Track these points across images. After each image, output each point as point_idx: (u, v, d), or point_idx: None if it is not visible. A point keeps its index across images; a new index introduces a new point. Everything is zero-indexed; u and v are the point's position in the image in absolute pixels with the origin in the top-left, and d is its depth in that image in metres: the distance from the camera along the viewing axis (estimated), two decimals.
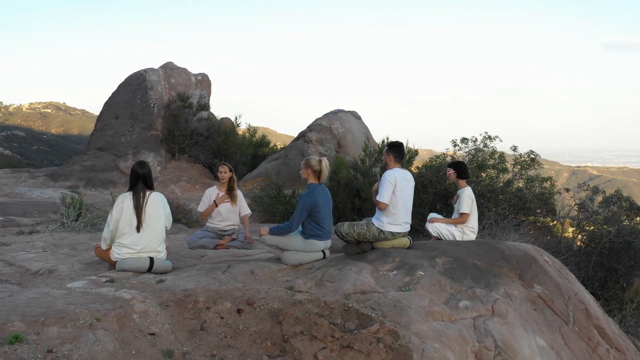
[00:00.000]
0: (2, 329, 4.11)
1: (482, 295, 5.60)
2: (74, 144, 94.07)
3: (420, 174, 11.79)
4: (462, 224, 7.17)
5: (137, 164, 5.92)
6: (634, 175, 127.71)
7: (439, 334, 4.81)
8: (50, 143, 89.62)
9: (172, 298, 5.04)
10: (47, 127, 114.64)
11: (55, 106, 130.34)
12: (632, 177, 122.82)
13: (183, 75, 19.68)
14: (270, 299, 5.11)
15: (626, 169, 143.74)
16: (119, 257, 5.78)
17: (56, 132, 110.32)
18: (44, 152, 79.86)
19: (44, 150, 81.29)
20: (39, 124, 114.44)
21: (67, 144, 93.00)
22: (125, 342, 4.33)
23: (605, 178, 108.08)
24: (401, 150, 6.48)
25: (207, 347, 4.50)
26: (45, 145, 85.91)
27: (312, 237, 5.90)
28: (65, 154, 79.95)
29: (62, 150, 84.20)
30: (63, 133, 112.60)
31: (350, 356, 4.45)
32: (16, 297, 4.85)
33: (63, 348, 4.06)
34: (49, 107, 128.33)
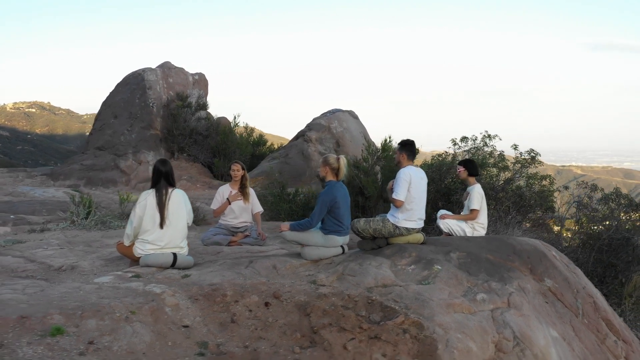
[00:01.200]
0: (42, 321, 4.23)
1: (497, 289, 5.77)
2: (58, 144, 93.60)
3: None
4: (472, 220, 7.35)
5: (159, 162, 6.04)
6: (618, 175, 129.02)
7: (461, 325, 4.98)
8: (35, 143, 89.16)
9: (200, 292, 5.17)
10: (31, 126, 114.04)
11: (39, 106, 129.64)
12: (616, 176, 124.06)
13: (180, 74, 19.76)
14: (295, 292, 5.25)
15: (610, 169, 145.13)
16: (142, 252, 5.90)
17: (40, 132, 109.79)
18: (28, 152, 79.45)
19: (29, 150, 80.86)
20: (23, 124, 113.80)
21: (52, 143, 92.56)
22: (161, 334, 4.46)
23: (590, 177, 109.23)
24: (413, 149, 6.64)
25: (239, 339, 4.63)
26: (30, 145, 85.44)
27: (332, 233, 6.05)
28: (50, 154, 79.54)
29: (46, 150, 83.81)
30: (47, 133, 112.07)
31: (378, 347, 4.60)
32: (48, 292, 4.96)
33: (103, 340, 4.18)
34: (33, 106, 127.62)
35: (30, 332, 4.10)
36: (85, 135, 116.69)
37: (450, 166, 12.22)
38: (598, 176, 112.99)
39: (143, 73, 18.66)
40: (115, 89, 19.20)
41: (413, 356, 4.54)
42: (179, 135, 17.48)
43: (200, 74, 20.93)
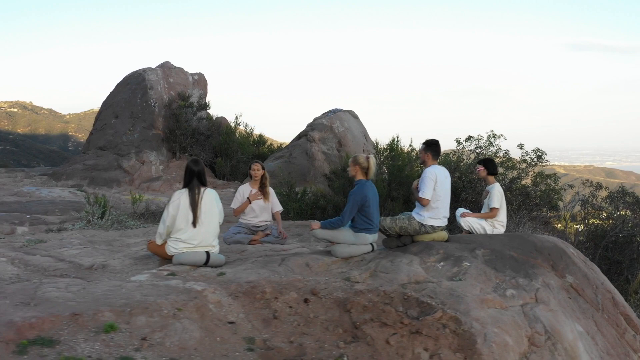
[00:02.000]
0: (94, 318, 4.31)
1: (524, 285, 5.90)
2: (41, 144, 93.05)
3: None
4: (492, 219, 7.48)
5: (192, 162, 6.11)
6: (600, 174, 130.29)
7: (496, 320, 5.10)
8: (17, 143, 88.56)
9: (239, 289, 5.26)
10: (13, 126, 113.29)
11: (21, 105, 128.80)
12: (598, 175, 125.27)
13: (181, 74, 19.78)
14: (332, 289, 5.35)
15: (592, 168, 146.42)
16: (175, 251, 5.98)
17: (22, 132, 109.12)
18: (10, 152, 78.94)
19: (10, 150, 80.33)
20: (4, 124, 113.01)
21: (34, 143, 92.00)
22: (209, 330, 4.55)
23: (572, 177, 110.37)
24: (438, 148, 6.77)
25: (283, 334, 4.73)
26: (12, 145, 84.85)
27: (362, 231, 6.16)
28: (33, 154, 79.03)
29: (29, 150, 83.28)
30: (30, 133, 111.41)
31: (420, 341, 4.71)
32: (91, 290, 5.03)
33: (155, 336, 4.27)
34: (15, 106, 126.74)
35: (84, 328, 4.18)
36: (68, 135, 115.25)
37: (456, 166, 12.38)
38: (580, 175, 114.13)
39: (144, 73, 18.67)
40: (115, 89, 19.19)
41: (454, 350, 4.66)
42: (181, 135, 17.51)
43: (199, 74, 20.96)
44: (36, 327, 4.07)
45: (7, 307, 4.43)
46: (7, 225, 8.65)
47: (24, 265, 6.19)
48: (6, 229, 8.49)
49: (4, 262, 6.20)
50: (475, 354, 4.64)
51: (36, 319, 4.14)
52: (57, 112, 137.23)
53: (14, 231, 8.50)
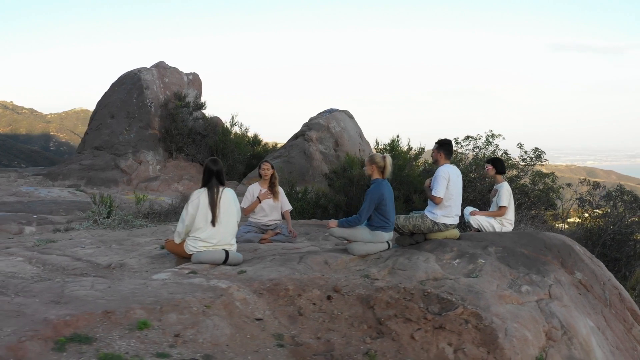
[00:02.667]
0: (126, 316, 4.36)
1: (538, 281, 6.03)
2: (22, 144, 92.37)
3: (427, 170, 12.24)
4: (500, 217, 7.61)
5: (211, 162, 6.17)
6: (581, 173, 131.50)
7: (515, 315, 5.22)
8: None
9: (262, 287, 5.33)
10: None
11: (1, 105, 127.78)
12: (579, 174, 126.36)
13: (176, 74, 19.78)
14: (353, 286, 5.44)
15: (573, 167, 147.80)
16: (195, 250, 6.04)
17: (3, 132, 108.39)
18: None
19: None
20: None
21: (15, 143, 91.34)
22: (238, 327, 4.62)
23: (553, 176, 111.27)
24: (451, 148, 6.88)
25: (310, 331, 4.81)
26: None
27: (379, 229, 6.26)
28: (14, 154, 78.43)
29: (10, 150, 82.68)
30: (10, 132, 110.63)
31: (444, 336, 4.81)
32: (117, 288, 5.08)
33: (187, 333, 4.33)
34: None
35: (118, 326, 4.23)
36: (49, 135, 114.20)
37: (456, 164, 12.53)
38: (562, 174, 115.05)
39: (139, 73, 18.65)
40: (110, 89, 19.16)
41: (477, 345, 4.77)
42: (178, 135, 17.52)
43: (194, 73, 20.97)
44: (71, 325, 4.11)
45: (39, 306, 4.48)
46: (15, 225, 8.65)
47: (42, 265, 6.21)
48: (14, 229, 8.49)
49: (22, 261, 6.22)
50: (497, 349, 4.75)
51: (70, 317, 4.19)
52: (39, 112, 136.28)
53: (22, 231, 8.51)
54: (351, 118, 19.45)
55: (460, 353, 4.68)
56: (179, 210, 10.54)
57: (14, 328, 3.90)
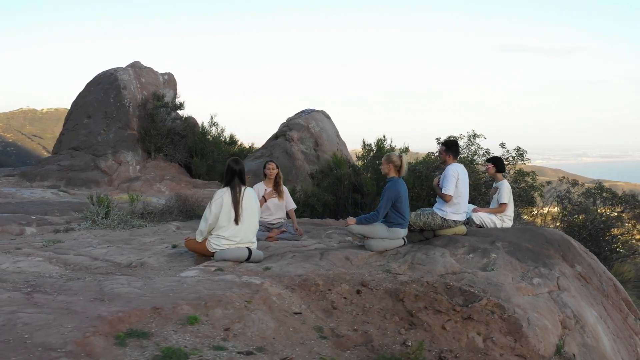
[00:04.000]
0: (174, 311, 4.48)
1: (546, 274, 6.35)
2: None
3: (414, 169, 12.54)
4: (501, 213, 7.93)
5: (233, 161, 6.31)
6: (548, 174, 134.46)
7: (533, 306, 5.52)
8: None
9: (293, 282, 5.50)
10: None
11: None
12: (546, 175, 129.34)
13: (151, 74, 19.67)
14: (378, 280, 5.66)
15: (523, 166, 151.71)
16: (218, 247, 6.16)
17: None
18: None
19: None
20: None
21: None
22: (280, 320, 4.78)
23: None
24: (458, 148, 7.16)
25: (346, 323, 5.00)
26: None
27: (396, 226, 6.48)
28: None
29: None
30: None
31: (472, 326, 5.07)
32: (154, 285, 5.18)
33: (235, 327, 4.47)
34: None
35: (169, 321, 4.35)
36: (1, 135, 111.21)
37: (438, 166, 12.89)
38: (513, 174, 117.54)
39: (116, 73, 18.50)
40: (85, 89, 18.94)
41: (504, 334, 5.04)
42: (157, 135, 17.45)
43: (169, 74, 20.88)
44: (125, 321, 4.21)
45: (85, 303, 4.56)
46: (16, 226, 8.58)
47: (63, 264, 6.24)
48: (15, 230, 8.43)
49: (41, 261, 6.24)
50: (522, 337, 5.04)
51: (123, 313, 4.29)
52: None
53: (23, 232, 8.45)
54: (328, 118, 19.69)
55: (489, 342, 4.94)
56: (173, 211, 10.59)
57: (74, 324, 3.98)
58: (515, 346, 4.94)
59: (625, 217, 12.14)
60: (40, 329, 3.86)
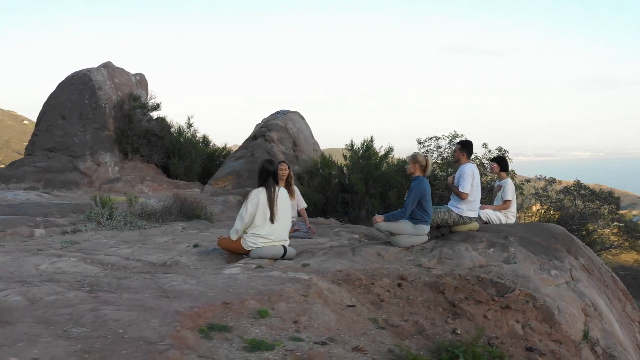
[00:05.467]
0: (242, 306, 4.69)
1: (559, 266, 6.79)
2: None
3: (403, 169, 12.94)
4: (505, 210, 8.37)
5: (267, 162, 6.52)
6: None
7: (559, 295, 5.94)
8: None
9: (336, 277, 5.76)
10: None
11: None
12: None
13: (124, 75, 19.52)
14: (415, 274, 5.98)
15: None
16: (254, 246, 6.37)
17: None
18: None
19: None
20: None
21: None
22: (338, 313, 5.03)
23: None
24: (472, 148, 7.55)
25: (396, 314, 5.29)
26: None
27: (421, 223, 6.82)
28: None
29: None
30: None
31: (511, 315, 5.44)
32: (208, 282, 5.36)
33: (302, 319, 4.71)
34: None
35: (241, 315, 4.55)
36: None
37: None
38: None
39: (89, 73, 18.29)
40: (58, 89, 18.65)
41: (540, 321, 5.43)
42: (134, 136, 17.36)
43: (140, 74, 20.75)
44: (202, 316, 4.40)
45: (153, 300, 4.72)
46: (26, 228, 8.54)
47: (99, 264, 6.33)
48: (25, 232, 8.39)
49: (76, 261, 6.30)
50: (555, 324, 5.44)
51: (198, 308, 4.47)
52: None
53: (33, 234, 8.43)
54: (303, 119, 19.92)
55: (527, 329, 5.32)
56: (173, 211, 10.67)
57: (158, 320, 4.14)
58: (551, 332, 5.33)
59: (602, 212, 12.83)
60: (131, 325, 4.02)
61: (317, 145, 19.91)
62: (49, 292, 4.78)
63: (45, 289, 4.87)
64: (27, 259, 6.20)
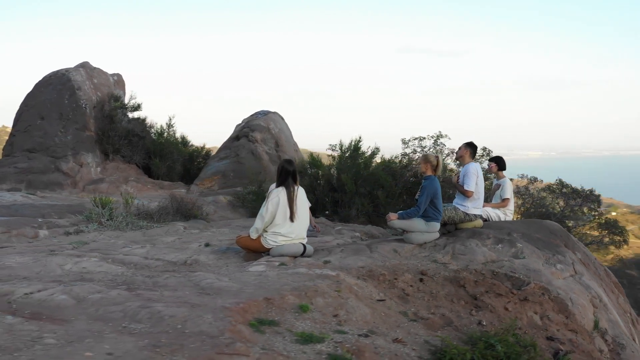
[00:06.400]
0: (282, 301, 4.85)
1: (563, 260, 7.12)
2: None
3: (387, 169, 13.23)
4: (504, 208, 8.69)
5: (286, 162, 6.68)
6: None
7: (570, 287, 6.26)
8: None
9: (360, 273, 5.96)
10: None
11: None
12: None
13: (102, 75, 19.37)
14: (434, 269, 6.22)
15: None
16: (275, 244, 6.53)
17: None
18: None
19: None
20: None
21: None
22: (370, 307, 5.23)
23: None
24: (476, 149, 7.84)
25: (423, 307, 5.52)
26: None
27: (433, 220, 7.06)
28: None
29: None
30: None
31: (529, 306, 5.72)
32: (240, 279, 5.50)
33: (341, 313, 4.90)
34: None
35: (284, 310, 4.72)
36: None
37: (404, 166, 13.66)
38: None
39: (68, 73, 18.09)
40: (35, 89, 18.38)
41: (556, 312, 5.73)
42: (115, 136, 17.26)
43: (118, 74, 20.60)
44: (248, 311, 4.55)
45: (194, 297, 4.85)
46: (30, 229, 8.51)
47: (121, 264, 6.39)
48: (30, 233, 8.36)
49: (97, 261, 6.35)
50: (570, 315, 5.75)
51: (243, 304, 4.62)
52: None
53: (37, 235, 8.41)
54: (283, 119, 20.09)
55: (545, 319, 5.61)
56: (169, 211, 10.72)
57: (210, 315, 4.28)
58: (568, 322, 5.63)
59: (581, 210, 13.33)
60: (187, 320, 4.15)
61: (296, 146, 20.10)
62: (91, 290, 4.86)
63: (86, 287, 4.95)
64: (50, 259, 6.24)
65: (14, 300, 4.62)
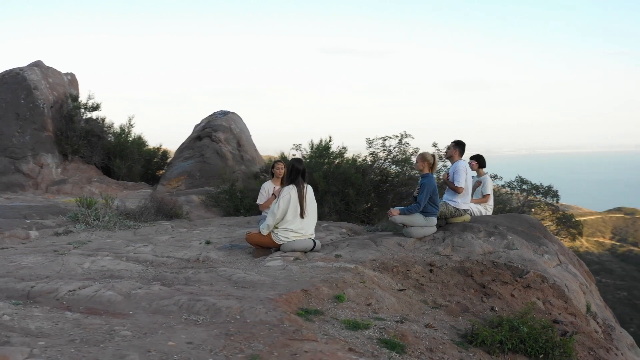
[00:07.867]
0: (317, 292, 5.13)
1: (548, 251, 7.66)
2: None
3: (358, 168, 13.60)
4: (485, 203, 9.20)
5: (296, 161, 6.93)
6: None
7: (562, 275, 6.77)
8: None
9: (374, 265, 6.29)
10: None
11: None
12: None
13: (57, 74, 18.96)
14: (440, 261, 6.61)
15: None
16: (286, 240, 6.77)
17: None
18: None
19: None
20: None
21: None
22: (395, 296, 5.56)
23: None
24: (464, 148, 8.29)
25: (439, 295, 5.90)
26: None
27: (431, 215, 7.46)
28: None
29: None
30: None
31: (532, 293, 6.19)
32: (267, 273, 5.73)
33: (372, 302, 5.21)
34: None
35: (322, 300, 5.00)
36: None
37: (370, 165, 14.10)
38: None
39: (23, 72, 17.63)
40: None
41: (556, 297, 6.21)
42: (74, 136, 16.97)
43: (71, 74, 20.19)
44: (290, 302, 4.81)
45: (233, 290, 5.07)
46: (21, 230, 8.41)
47: (137, 262, 6.49)
48: (22, 234, 8.26)
49: (112, 259, 6.42)
50: (568, 299, 6.25)
51: (285, 295, 4.87)
52: None
53: (29, 236, 8.34)
54: (241, 119, 20.19)
55: (547, 304, 6.09)
56: (152, 211, 10.75)
57: (261, 307, 4.51)
58: (567, 306, 6.12)
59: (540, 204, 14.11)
60: (242, 311, 4.38)
61: (255, 146, 20.25)
62: (132, 287, 5.01)
63: (126, 284, 5.09)
64: (66, 259, 6.28)
65: (62, 297, 4.74)
